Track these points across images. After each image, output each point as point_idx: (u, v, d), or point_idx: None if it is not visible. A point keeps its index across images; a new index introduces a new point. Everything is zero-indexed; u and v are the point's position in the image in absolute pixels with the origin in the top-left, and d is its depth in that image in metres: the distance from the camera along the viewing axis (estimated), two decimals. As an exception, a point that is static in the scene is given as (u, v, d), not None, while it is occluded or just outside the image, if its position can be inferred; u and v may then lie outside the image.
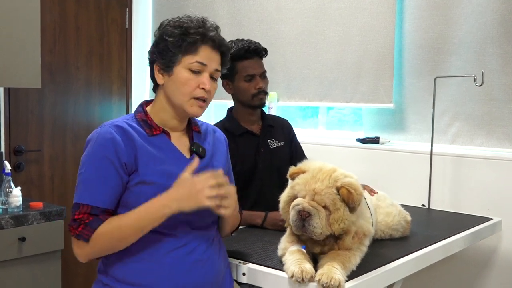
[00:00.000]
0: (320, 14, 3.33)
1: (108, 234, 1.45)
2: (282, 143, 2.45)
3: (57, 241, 2.73)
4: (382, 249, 1.91)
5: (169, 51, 1.55)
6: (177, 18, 1.59)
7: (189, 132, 1.67)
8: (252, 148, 2.34)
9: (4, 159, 3.17)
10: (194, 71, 1.55)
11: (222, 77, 2.34)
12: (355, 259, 1.66)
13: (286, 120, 2.59)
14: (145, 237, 1.49)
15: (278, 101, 3.52)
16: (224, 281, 1.65)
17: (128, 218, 1.45)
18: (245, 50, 2.31)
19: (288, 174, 1.75)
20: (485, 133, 2.83)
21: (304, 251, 1.65)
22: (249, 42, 2.35)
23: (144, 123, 1.58)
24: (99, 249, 1.47)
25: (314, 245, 1.69)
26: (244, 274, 1.71)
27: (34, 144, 3.51)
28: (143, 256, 1.51)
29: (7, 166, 2.67)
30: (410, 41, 3.06)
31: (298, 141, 2.56)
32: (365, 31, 3.15)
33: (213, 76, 1.59)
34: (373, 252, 1.80)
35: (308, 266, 1.56)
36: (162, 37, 1.57)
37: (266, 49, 2.40)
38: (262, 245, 1.91)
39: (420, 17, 3.00)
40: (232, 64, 2.23)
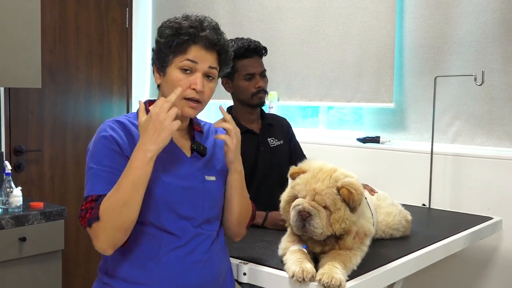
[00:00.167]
0: (321, 14, 3.33)
1: (111, 202, 1.42)
2: (281, 142, 2.45)
3: (57, 241, 2.73)
4: (383, 248, 1.91)
5: (161, 52, 1.56)
6: (173, 18, 1.59)
7: (190, 131, 1.67)
8: (252, 147, 2.34)
9: (4, 159, 3.17)
10: (186, 70, 1.54)
11: (222, 76, 2.33)
12: (356, 259, 1.66)
13: (285, 119, 2.59)
14: (145, 236, 1.49)
15: (278, 100, 3.52)
16: (225, 282, 1.64)
17: (121, 181, 1.43)
18: (245, 48, 2.31)
19: (289, 174, 1.75)
20: (486, 133, 2.83)
21: (305, 250, 1.65)
22: (249, 41, 2.35)
23: None
24: (110, 224, 1.42)
25: (315, 245, 1.69)
26: (245, 274, 1.71)
27: (35, 144, 3.51)
28: (144, 255, 1.50)
29: (8, 166, 2.67)
30: (410, 40, 3.06)
31: (296, 140, 2.56)
32: (366, 30, 3.15)
33: (210, 75, 1.58)
34: (374, 251, 1.80)
35: (309, 266, 1.56)
36: (156, 38, 1.58)
37: (266, 48, 2.40)
38: (262, 245, 1.91)
39: (420, 16, 3.00)
40: (232, 62, 2.23)
